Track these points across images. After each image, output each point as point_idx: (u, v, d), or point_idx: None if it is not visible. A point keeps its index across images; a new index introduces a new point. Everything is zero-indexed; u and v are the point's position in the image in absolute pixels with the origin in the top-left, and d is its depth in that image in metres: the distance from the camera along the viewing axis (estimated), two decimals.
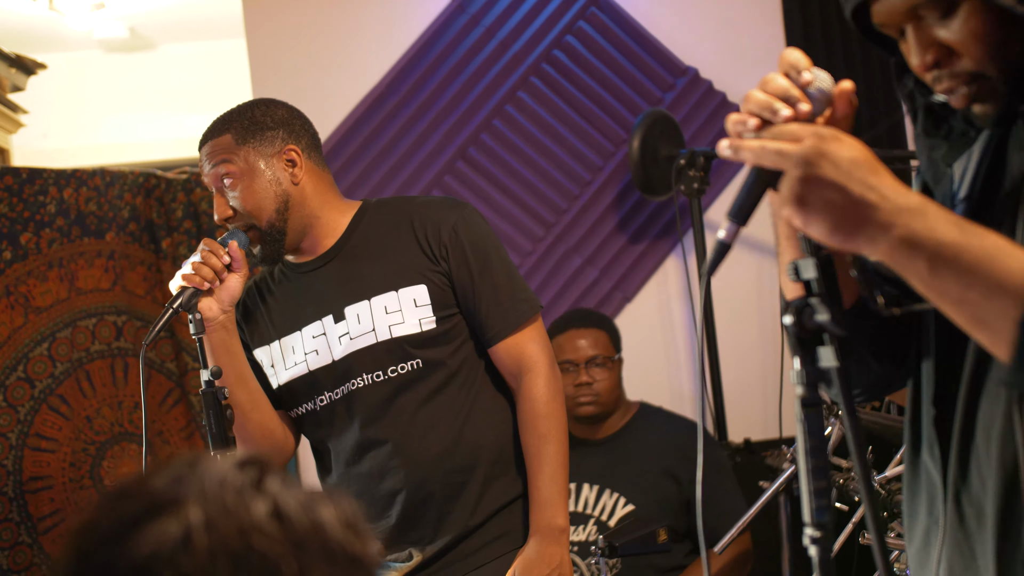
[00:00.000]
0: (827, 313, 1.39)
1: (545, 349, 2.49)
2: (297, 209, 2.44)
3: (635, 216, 4.15)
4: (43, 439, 3.77)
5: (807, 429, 1.41)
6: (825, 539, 1.41)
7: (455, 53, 4.10)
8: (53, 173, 3.85)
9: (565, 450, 2.44)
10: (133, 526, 0.82)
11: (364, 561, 0.88)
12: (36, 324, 3.81)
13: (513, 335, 2.46)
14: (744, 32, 4.21)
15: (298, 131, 2.46)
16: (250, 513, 0.84)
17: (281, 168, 2.42)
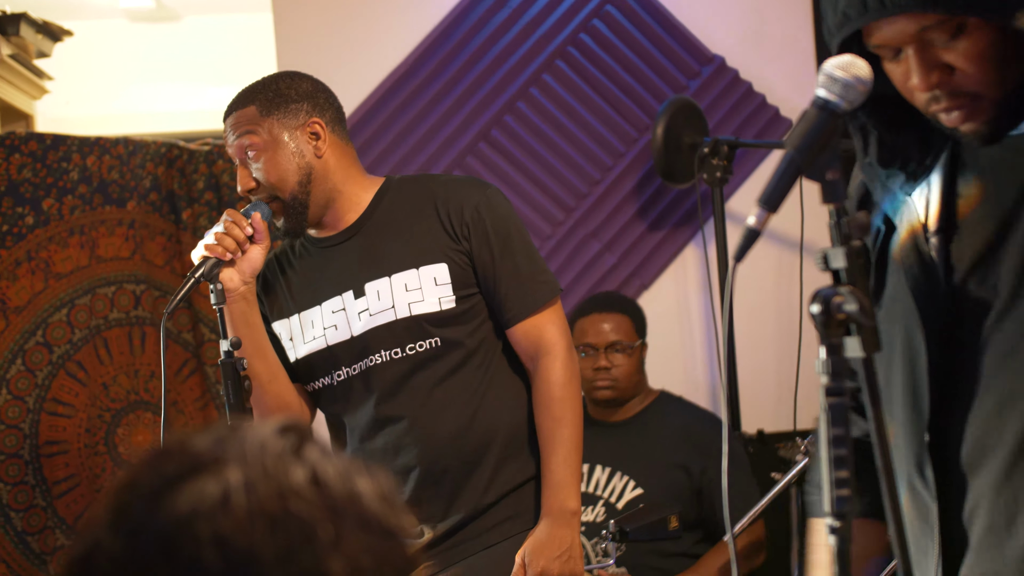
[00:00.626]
0: (856, 303, 1.39)
1: (563, 332, 2.49)
2: (320, 182, 2.43)
3: (655, 203, 4.14)
4: (60, 404, 3.79)
5: (830, 419, 1.41)
6: (844, 529, 1.41)
7: (481, 34, 4.09)
8: (77, 140, 3.85)
9: (579, 434, 2.45)
10: (173, 483, 0.83)
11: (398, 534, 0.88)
12: (56, 290, 3.82)
13: (532, 317, 2.46)
14: (772, 22, 4.20)
15: (323, 104, 2.45)
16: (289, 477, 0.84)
17: (305, 141, 2.42)
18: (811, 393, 3.99)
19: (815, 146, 1.42)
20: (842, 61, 1.43)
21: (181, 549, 0.80)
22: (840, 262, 1.42)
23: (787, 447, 3.51)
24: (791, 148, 1.43)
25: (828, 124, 1.43)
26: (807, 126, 1.43)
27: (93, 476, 3.83)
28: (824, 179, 1.43)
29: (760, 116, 4.17)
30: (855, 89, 1.43)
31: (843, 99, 1.42)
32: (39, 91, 4.30)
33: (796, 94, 4.19)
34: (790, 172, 1.43)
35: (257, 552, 0.80)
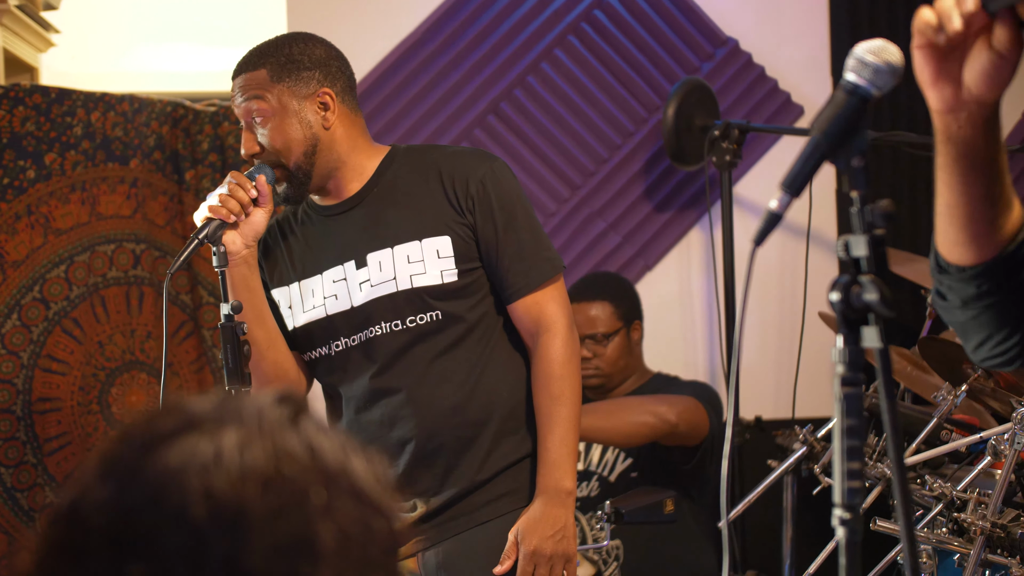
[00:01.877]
0: (876, 293, 1.36)
1: (565, 310, 2.46)
2: (325, 153, 2.41)
3: (662, 185, 4.11)
4: (54, 361, 3.76)
5: (845, 409, 1.38)
6: (854, 521, 1.39)
7: (494, 6, 4.05)
8: (82, 95, 3.81)
9: (577, 412, 2.43)
10: (166, 438, 0.82)
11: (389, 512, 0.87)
12: (55, 246, 3.79)
13: (533, 293, 2.43)
14: (787, 7, 4.16)
15: (334, 73, 2.42)
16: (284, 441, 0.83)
17: (314, 111, 2.38)
18: (811, 381, 3.98)
19: (842, 131, 1.40)
20: (874, 45, 1.40)
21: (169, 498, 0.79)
22: (862, 250, 1.40)
23: (784, 435, 3.50)
24: (817, 132, 1.40)
25: (856, 109, 1.40)
26: (835, 110, 1.40)
27: (85, 435, 3.80)
28: (849, 165, 1.41)
29: (771, 101, 4.13)
30: (886, 75, 1.40)
31: (873, 84, 1.39)
32: (45, 44, 4.26)
33: (809, 80, 4.15)
34: (815, 157, 1.40)
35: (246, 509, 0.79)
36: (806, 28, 4.16)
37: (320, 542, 0.81)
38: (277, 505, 0.80)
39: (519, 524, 2.37)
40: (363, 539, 0.83)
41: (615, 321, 3.59)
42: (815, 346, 3.95)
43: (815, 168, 1.41)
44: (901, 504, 1.43)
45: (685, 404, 3.40)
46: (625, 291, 3.68)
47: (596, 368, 3.59)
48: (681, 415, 3.36)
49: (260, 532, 0.79)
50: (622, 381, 3.64)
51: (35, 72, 4.31)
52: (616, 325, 3.59)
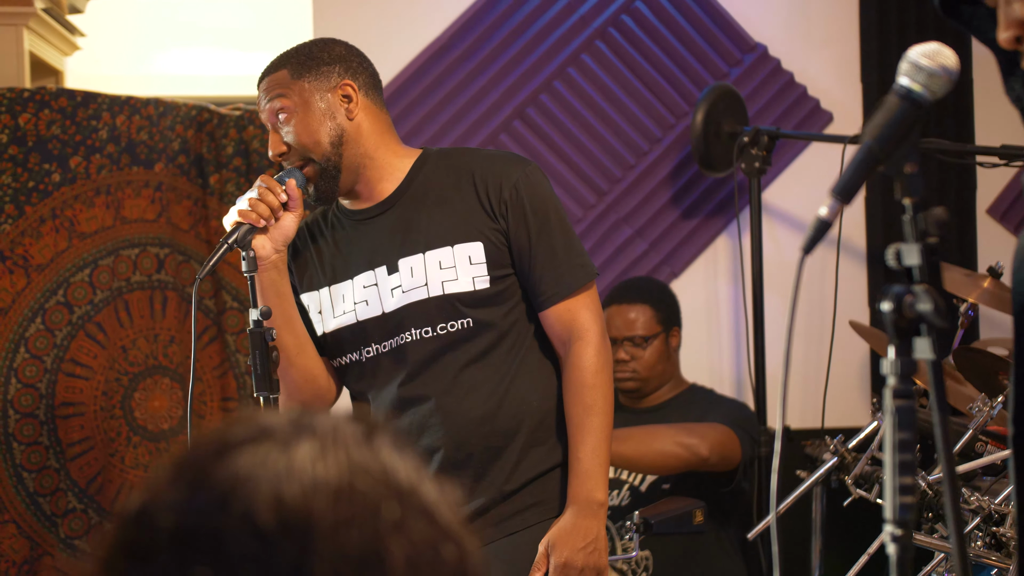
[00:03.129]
0: (931, 303, 1.33)
1: (597, 318, 2.43)
2: (352, 145, 2.38)
3: (689, 191, 4.08)
4: (78, 365, 3.75)
5: (897, 422, 1.35)
6: (906, 538, 1.35)
7: (521, 10, 4.02)
8: (107, 99, 3.80)
9: (610, 422, 2.39)
10: (238, 446, 0.82)
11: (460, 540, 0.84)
12: (79, 249, 3.77)
13: (566, 300, 2.40)
14: (816, 12, 4.12)
15: (355, 68, 2.41)
16: (357, 455, 0.82)
17: (337, 102, 2.36)
18: (840, 391, 3.94)
19: (894, 137, 1.37)
20: (928, 49, 1.37)
21: (237, 502, 0.79)
22: (914, 259, 1.36)
23: (814, 445, 3.45)
24: (869, 138, 1.37)
25: (909, 115, 1.37)
26: (887, 116, 1.37)
27: (108, 440, 3.78)
28: (902, 172, 1.37)
29: (800, 108, 4.10)
30: (941, 79, 1.36)
31: (927, 89, 1.36)
32: (70, 47, 4.25)
33: (838, 87, 4.11)
34: (867, 163, 1.37)
35: (315, 518, 0.79)
36: (835, 34, 4.12)
37: (390, 558, 0.79)
38: (348, 516, 0.79)
39: (550, 535, 2.34)
40: (433, 561, 0.81)
41: (655, 325, 3.56)
42: (844, 355, 3.91)
43: (867, 175, 1.38)
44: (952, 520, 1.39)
45: (717, 436, 3.38)
46: (666, 296, 3.67)
47: (633, 371, 3.56)
48: (713, 448, 3.35)
49: (328, 542, 0.78)
50: (658, 387, 3.61)
51: (60, 75, 4.30)
52: (655, 329, 3.56)
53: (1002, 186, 4.16)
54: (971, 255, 4.10)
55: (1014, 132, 3.99)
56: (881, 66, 4.05)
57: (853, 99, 4.11)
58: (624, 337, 3.55)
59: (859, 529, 3.08)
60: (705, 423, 3.43)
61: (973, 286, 3.36)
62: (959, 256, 4.04)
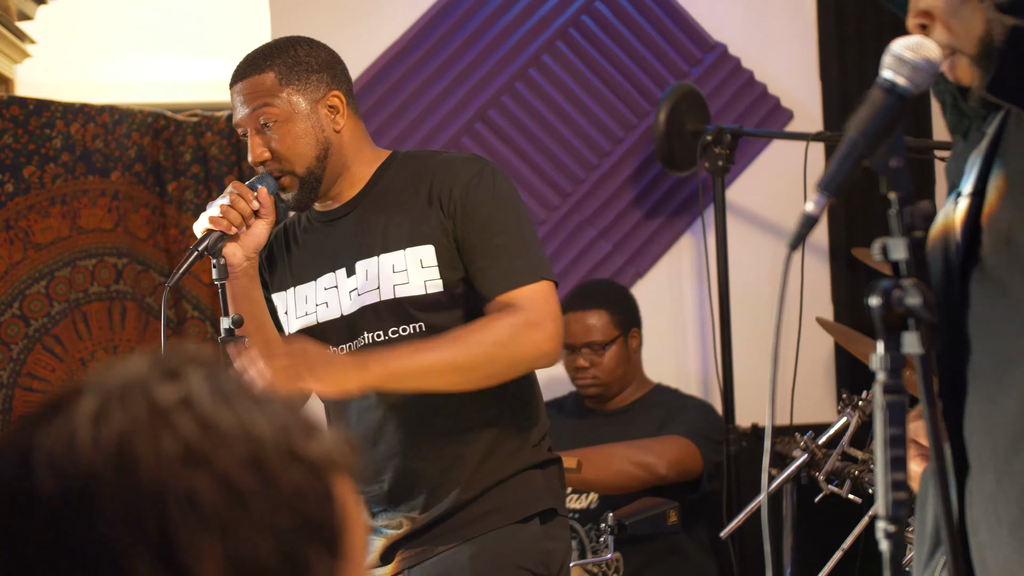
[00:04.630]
0: (919, 297, 1.31)
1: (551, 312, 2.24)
2: (335, 157, 2.34)
3: (653, 191, 4.07)
4: (35, 379, 3.68)
5: (888, 418, 1.33)
6: (899, 535, 1.34)
7: (481, 12, 4.00)
8: (61, 106, 3.74)
9: (455, 369, 2.19)
10: (30, 428, 0.78)
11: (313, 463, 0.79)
12: (35, 261, 3.71)
13: (508, 293, 2.23)
14: (775, 11, 4.13)
15: (340, 76, 2.37)
16: (151, 398, 0.77)
17: (324, 114, 2.32)
18: (808, 388, 3.94)
19: (880, 131, 1.35)
20: (912, 42, 1.36)
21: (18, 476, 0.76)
22: (901, 253, 1.35)
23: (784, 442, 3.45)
24: (855, 132, 1.36)
25: (894, 108, 1.36)
26: (872, 110, 1.36)
27: None
28: (887, 166, 1.36)
29: (761, 106, 4.10)
30: (925, 72, 1.35)
31: (912, 82, 1.35)
32: (21, 55, 4.17)
33: (798, 84, 4.12)
34: (853, 157, 1.36)
35: (97, 471, 0.75)
36: (794, 32, 4.12)
37: (199, 495, 0.74)
38: (131, 458, 0.75)
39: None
40: (262, 487, 0.76)
41: (612, 329, 3.55)
42: (811, 352, 3.91)
43: (853, 168, 1.37)
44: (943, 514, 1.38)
45: (675, 452, 3.37)
46: (622, 298, 3.65)
47: (594, 377, 3.55)
48: (671, 465, 3.35)
49: (113, 500, 0.74)
50: (621, 390, 3.61)
51: (11, 83, 4.22)
52: (613, 333, 3.55)
53: None
54: None
55: None
56: (840, 63, 4.06)
57: (812, 97, 4.12)
58: (582, 344, 3.53)
59: (831, 525, 3.08)
60: (664, 438, 3.41)
61: None
62: None
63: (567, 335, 3.54)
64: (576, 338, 3.55)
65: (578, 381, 3.59)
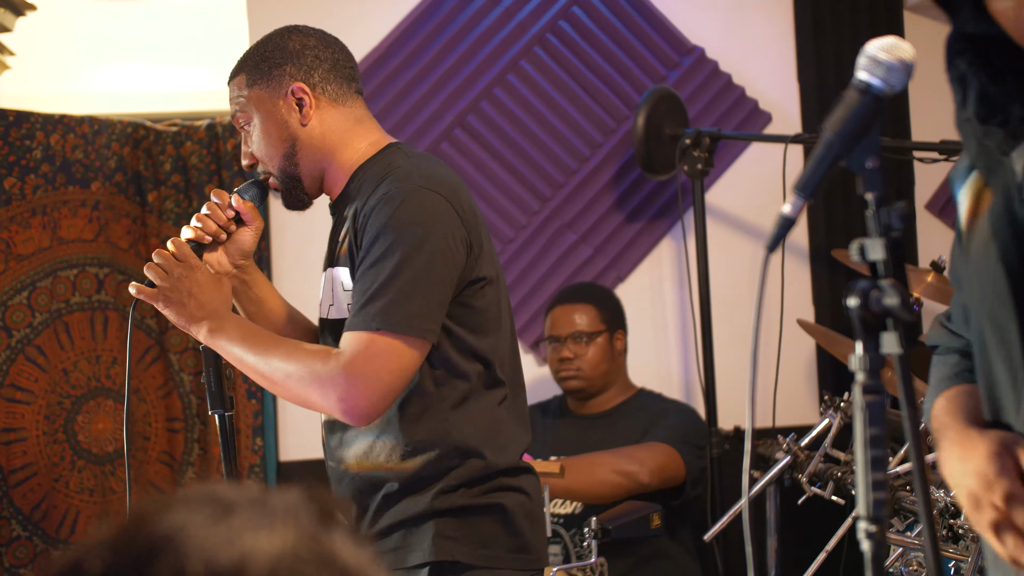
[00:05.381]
0: (897, 297, 1.32)
1: (359, 372, 2.06)
2: (307, 152, 2.24)
3: (633, 195, 4.08)
4: (18, 390, 3.67)
5: (867, 418, 1.34)
6: (880, 534, 1.35)
7: (457, 19, 4.00)
8: (41, 118, 3.73)
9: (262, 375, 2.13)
10: (181, 505, 0.81)
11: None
12: (16, 272, 3.70)
13: (352, 334, 2.08)
14: (752, 14, 4.15)
15: (310, 63, 2.23)
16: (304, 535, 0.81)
17: (288, 109, 2.22)
18: (790, 390, 3.95)
19: (855, 132, 1.36)
20: (886, 43, 1.37)
21: (168, 557, 0.78)
22: (878, 254, 1.36)
23: (766, 444, 3.46)
24: (830, 133, 1.37)
25: (869, 109, 1.36)
26: (847, 110, 1.37)
27: (51, 464, 3.71)
28: (863, 166, 1.37)
29: (739, 109, 4.12)
30: (899, 72, 1.36)
31: (886, 83, 1.36)
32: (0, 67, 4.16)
33: (775, 87, 4.14)
34: (828, 158, 1.36)
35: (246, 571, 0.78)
36: (771, 35, 4.14)
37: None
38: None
39: None
40: None
41: (598, 323, 3.59)
42: (792, 354, 3.93)
43: (829, 169, 1.37)
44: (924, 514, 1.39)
45: (658, 460, 3.39)
46: (610, 299, 3.70)
47: (577, 369, 3.58)
48: (653, 473, 3.36)
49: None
50: (603, 389, 3.61)
51: None
52: (599, 327, 3.59)
53: (940, 181, 4.21)
54: (912, 250, 4.14)
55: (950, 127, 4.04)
56: (818, 65, 4.08)
57: (791, 99, 4.14)
58: (568, 334, 3.58)
59: (814, 527, 3.09)
60: (647, 445, 3.42)
61: (916, 281, 3.39)
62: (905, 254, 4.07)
63: (555, 326, 3.57)
64: (562, 329, 3.59)
65: (561, 373, 3.61)
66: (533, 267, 4.04)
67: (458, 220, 2.14)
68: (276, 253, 3.97)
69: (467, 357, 2.19)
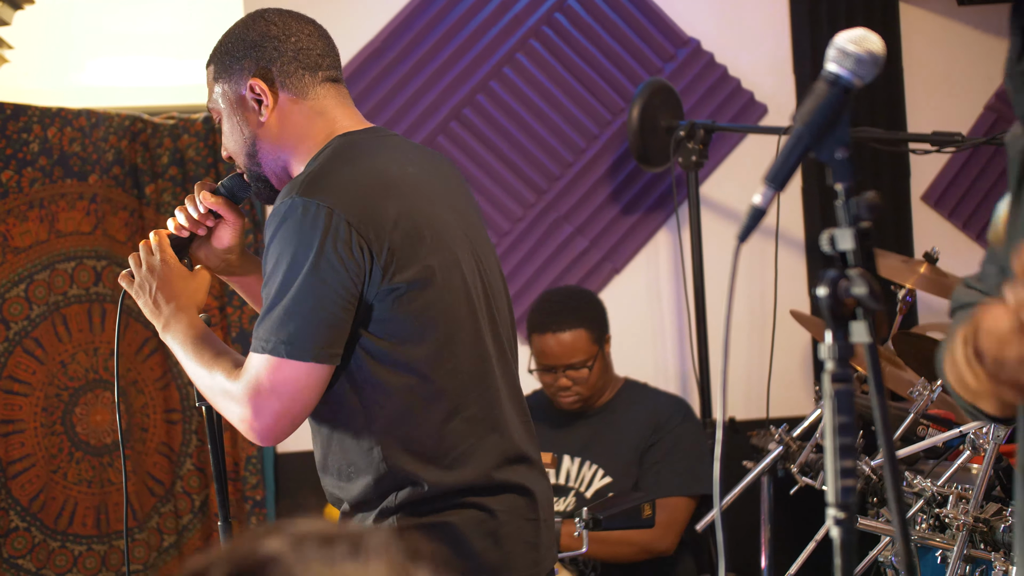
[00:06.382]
0: (865, 287, 1.34)
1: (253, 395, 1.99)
2: (267, 151, 2.13)
3: (629, 187, 4.09)
4: (16, 382, 3.69)
5: (836, 406, 1.36)
6: (849, 521, 1.36)
7: (453, 13, 4.01)
8: (38, 111, 3.75)
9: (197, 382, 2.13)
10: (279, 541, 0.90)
11: None
12: (14, 264, 3.72)
13: (249, 354, 2.02)
14: (748, 6, 4.15)
15: (269, 55, 2.09)
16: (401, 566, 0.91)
17: (248, 106, 2.11)
18: (783, 381, 3.97)
19: (825, 123, 1.37)
20: (855, 35, 1.38)
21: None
22: (848, 244, 1.37)
23: (759, 435, 3.48)
24: (800, 124, 1.38)
25: (838, 100, 1.38)
26: (816, 101, 1.38)
27: (49, 456, 3.73)
28: (833, 157, 1.38)
29: (735, 100, 4.12)
30: (868, 64, 1.37)
31: (855, 74, 1.37)
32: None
33: (771, 79, 4.15)
34: (798, 149, 1.38)
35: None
36: (767, 27, 4.15)
37: None
38: None
39: None
40: None
41: (591, 346, 3.49)
42: (786, 345, 3.94)
43: (798, 161, 1.39)
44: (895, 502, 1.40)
45: (678, 523, 3.47)
46: (593, 309, 3.56)
47: (577, 394, 3.51)
48: (675, 540, 3.47)
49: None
50: (600, 396, 3.59)
51: None
52: (594, 350, 3.50)
53: (935, 172, 4.21)
54: (907, 242, 4.15)
55: (944, 119, 4.04)
56: (813, 57, 4.08)
57: (786, 91, 4.15)
58: (565, 365, 3.48)
59: (806, 517, 3.10)
60: (667, 507, 3.41)
61: (910, 272, 3.40)
62: (895, 243, 4.08)
63: (546, 356, 3.48)
64: (557, 359, 3.48)
65: (561, 399, 3.52)
66: (529, 259, 4.05)
67: (346, 228, 1.94)
68: None
69: (395, 371, 2.01)
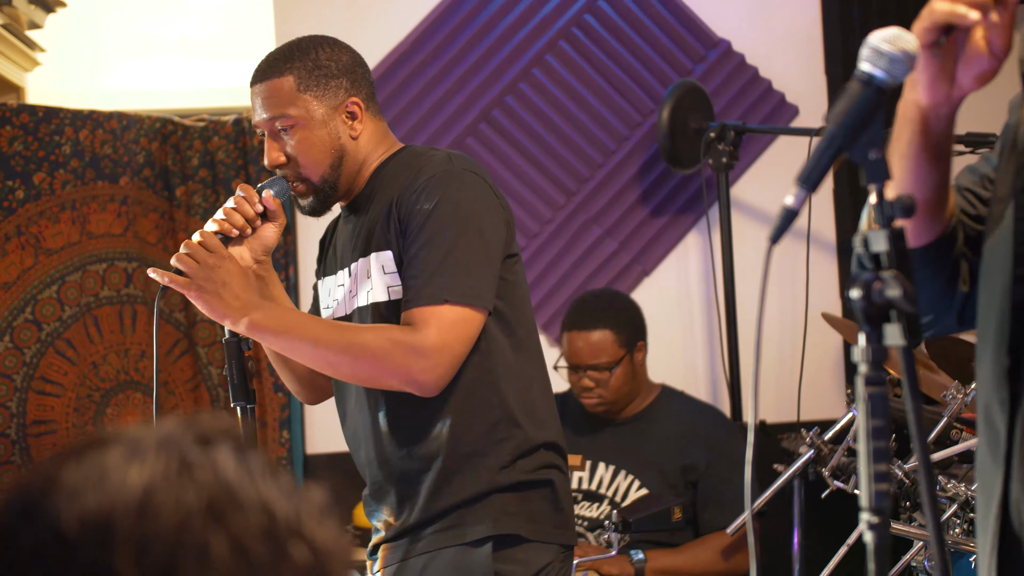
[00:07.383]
0: (899, 289, 1.32)
1: (442, 342, 2.14)
2: (350, 163, 2.30)
3: (658, 189, 4.07)
4: (48, 383, 3.72)
5: (870, 410, 1.34)
6: (883, 525, 1.35)
7: (483, 13, 4.01)
8: (70, 113, 3.77)
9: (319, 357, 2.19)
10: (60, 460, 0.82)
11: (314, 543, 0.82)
12: (46, 266, 3.74)
13: (418, 309, 2.15)
14: (779, 6, 4.13)
15: (360, 80, 2.30)
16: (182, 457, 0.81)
17: (341, 121, 2.27)
18: (815, 384, 3.94)
19: (858, 124, 1.36)
20: (889, 34, 1.37)
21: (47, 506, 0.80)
22: (882, 245, 1.35)
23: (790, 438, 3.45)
24: (832, 125, 1.37)
25: (872, 100, 1.36)
26: (849, 102, 1.36)
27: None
28: (866, 158, 1.37)
29: (766, 101, 4.10)
30: (902, 64, 1.36)
31: (889, 74, 1.36)
32: (31, 63, 4.21)
33: (803, 80, 4.12)
34: (831, 150, 1.36)
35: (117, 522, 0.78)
36: (798, 28, 4.12)
37: (211, 551, 0.78)
38: (156, 515, 0.78)
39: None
40: (272, 558, 0.79)
41: (617, 349, 3.43)
42: (818, 348, 3.91)
43: (831, 162, 1.37)
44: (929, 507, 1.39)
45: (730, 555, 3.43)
46: (627, 314, 3.51)
47: (599, 396, 3.44)
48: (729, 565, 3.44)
49: (131, 541, 0.77)
50: (628, 403, 3.52)
51: (21, 91, 4.26)
52: (619, 354, 3.43)
53: None
54: None
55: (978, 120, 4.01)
56: (845, 58, 4.06)
57: (818, 92, 4.12)
58: (587, 365, 3.42)
59: (838, 520, 3.08)
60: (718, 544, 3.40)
61: None
62: None
63: (571, 354, 3.46)
64: (581, 359, 3.44)
65: (584, 399, 3.47)
66: (558, 261, 4.04)
67: (497, 200, 2.27)
68: (302, 249, 4.00)
69: (504, 329, 2.27)
